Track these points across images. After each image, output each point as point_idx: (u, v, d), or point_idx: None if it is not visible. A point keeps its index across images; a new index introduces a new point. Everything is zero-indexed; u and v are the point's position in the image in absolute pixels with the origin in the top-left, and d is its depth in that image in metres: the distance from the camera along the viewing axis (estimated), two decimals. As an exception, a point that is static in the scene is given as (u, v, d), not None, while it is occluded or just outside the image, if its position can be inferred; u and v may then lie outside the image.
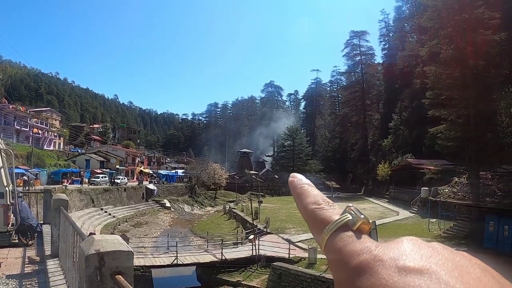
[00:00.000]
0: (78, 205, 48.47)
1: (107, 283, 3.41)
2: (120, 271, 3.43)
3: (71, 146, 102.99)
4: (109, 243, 3.57)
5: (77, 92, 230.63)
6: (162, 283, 28.14)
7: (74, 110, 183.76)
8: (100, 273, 3.40)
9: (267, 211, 51.26)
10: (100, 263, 3.41)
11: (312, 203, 0.67)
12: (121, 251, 3.52)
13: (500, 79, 34.77)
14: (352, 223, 0.61)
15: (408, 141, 76.56)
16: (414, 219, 46.22)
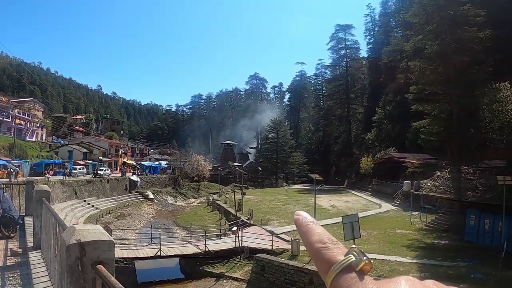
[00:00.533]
0: (61, 197, 48.03)
1: (88, 273, 3.38)
2: (101, 261, 3.40)
3: (53, 137, 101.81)
4: (90, 233, 3.53)
5: (60, 82, 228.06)
6: (146, 275, 28.10)
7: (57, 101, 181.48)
8: (81, 263, 3.37)
9: (250, 203, 51.38)
10: (81, 253, 3.38)
11: (317, 241, 0.73)
12: (102, 241, 3.48)
13: (484, 75, 35.10)
14: (355, 264, 0.68)
15: (391, 135, 77.09)
16: (397, 212, 46.66)
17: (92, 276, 3.37)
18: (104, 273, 3.08)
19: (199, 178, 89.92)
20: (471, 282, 20.55)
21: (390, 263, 24.35)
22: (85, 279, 3.37)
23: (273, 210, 48.76)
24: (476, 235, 29.21)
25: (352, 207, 49.28)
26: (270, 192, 76.87)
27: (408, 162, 53.24)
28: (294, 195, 68.28)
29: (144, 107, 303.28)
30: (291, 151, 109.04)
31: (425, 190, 45.95)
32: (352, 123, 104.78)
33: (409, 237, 32.29)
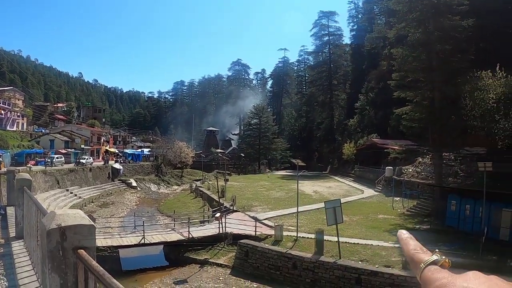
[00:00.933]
0: (43, 186, 47.51)
1: (70, 258, 3.35)
2: (83, 246, 3.37)
3: (34, 126, 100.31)
4: (71, 218, 3.48)
5: (41, 70, 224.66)
6: (130, 263, 28.03)
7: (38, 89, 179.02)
8: (62, 248, 3.33)
9: (233, 189, 51.49)
10: (62, 237, 3.33)
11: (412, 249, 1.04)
12: (82, 225, 3.44)
13: (466, 64, 35.34)
14: (438, 261, 0.99)
15: (373, 121, 77.57)
16: (379, 197, 47.09)
17: (73, 261, 3.33)
18: (86, 258, 3.06)
19: (182, 165, 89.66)
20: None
21: (372, 247, 24.60)
22: (67, 264, 3.32)
23: (256, 196, 48.92)
24: (457, 220, 29.63)
25: (335, 193, 49.61)
26: (253, 178, 77.03)
27: (390, 148, 53.66)
28: (277, 181, 68.53)
29: (126, 94, 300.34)
30: (274, 137, 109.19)
31: (407, 176, 46.39)
32: (335, 110, 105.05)
33: (391, 222, 32.65)
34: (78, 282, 3.23)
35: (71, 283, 3.25)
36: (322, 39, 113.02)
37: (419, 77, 37.95)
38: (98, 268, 2.64)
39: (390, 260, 21.97)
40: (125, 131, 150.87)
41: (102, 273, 2.49)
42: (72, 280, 3.26)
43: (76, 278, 3.25)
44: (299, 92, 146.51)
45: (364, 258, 22.50)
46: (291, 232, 28.23)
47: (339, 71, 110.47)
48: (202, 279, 24.18)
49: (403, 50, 39.38)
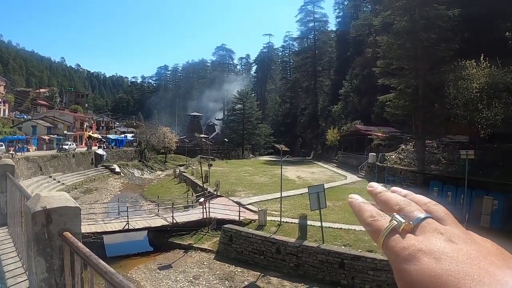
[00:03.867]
0: (26, 173, 47.03)
1: (55, 241, 3.31)
2: (68, 228, 3.33)
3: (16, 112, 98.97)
4: (56, 200, 3.43)
5: (22, 55, 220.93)
6: (115, 249, 27.98)
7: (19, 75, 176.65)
8: (48, 231, 3.29)
9: (217, 174, 51.42)
10: (47, 220, 3.29)
11: (368, 216, 0.87)
12: (68, 207, 3.39)
13: (450, 53, 35.60)
14: (398, 227, 0.80)
15: (357, 108, 77.85)
16: (362, 183, 47.31)
17: (59, 243, 3.30)
18: (72, 240, 3.02)
19: (165, 151, 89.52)
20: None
21: (355, 232, 24.80)
22: (52, 247, 3.29)
23: (240, 181, 48.97)
24: (439, 207, 30.02)
25: (318, 178, 49.79)
26: (237, 163, 77.00)
27: (373, 135, 53.98)
28: (261, 166, 68.60)
29: (109, 79, 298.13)
30: (257, 122, 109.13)
31: (390, 162, 46.73)
32: (319, 96, 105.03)
33: (374, 208, 32.88)
34: (64, 265, 3.19)
35: (57, 266, 3.21)
36: (307, 25, 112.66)
37: (404, 65, 38.19)
38: (84, 249, 2.62)
39: (372, 245, 22.16)
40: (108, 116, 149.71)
41: (88, 254, 2.47)
42: (58, 264, 3.21)
43: (62, 261, 3.21)
44: (283, 77, 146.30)
45: (347, 243, 22.72)
46: (274, 217, 28.35)
47: (324, 57, 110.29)
48: (187, 264, 24.26)
49: (388, 38, 39.51)
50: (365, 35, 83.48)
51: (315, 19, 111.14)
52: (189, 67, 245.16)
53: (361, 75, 77.89)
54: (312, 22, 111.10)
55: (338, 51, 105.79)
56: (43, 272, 3.19)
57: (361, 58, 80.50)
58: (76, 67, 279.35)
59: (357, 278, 20.32)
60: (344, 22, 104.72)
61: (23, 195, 6.27)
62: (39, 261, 3.18)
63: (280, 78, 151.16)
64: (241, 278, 22.17)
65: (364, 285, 20.04)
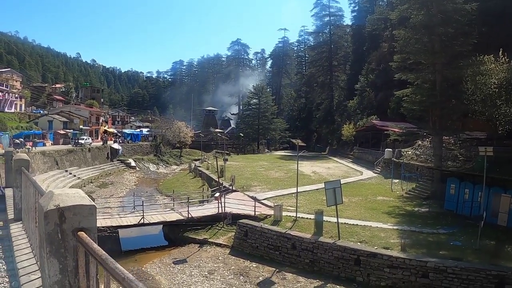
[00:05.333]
0: (42, 167, 47.37)
1: (69, 241, 3.17)
2: (83, 227, 3.19)
3: (33, 107, 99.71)
4: (70, 197, 3.28)
5: (38, 51, 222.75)
6: (130, 243, 28.09)
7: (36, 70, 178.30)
8: (61, 231, 3.14)
9: (232, 169, 51.48)
10: (61, 219, 3.14)
11: None
12: (82, 206, 3.24)
13: (468, 47, 34.98)
14: None
15: (373, 103, 77.27)
16: (378, 179, 47.07)
17: (73, 244, 3.16)
18: (86, 241, 2.88)
19: (180, 145, 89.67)
20: (450, 249, 20.92)
21: (371, 229, 24.64)
22: (66, 248, 3.16)
23: (255, 176, 48.91)
24: (456, 204, 29.62)
25: (334, 174, 49.59)
26: (252, 158, 77.00)
27: (390, 130, 53.45)
28: (276, 161, 68.55)
29: (124, 74, 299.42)
30: (273, 117, 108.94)
31: (406, 158, 46.31)
32: (335, 91, 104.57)
33: (390, 204, 32.67)
34: (78, 266, 3.05)
35: (71, 267, 3.06)
36: (322, 20, 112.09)
37: (421, 59, 37.62)
38: (100, 252, 2.47)
39: (389, 242, 22.01)
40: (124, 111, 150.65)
41: (104, 257, 2.33)
42: (72, 265, 3.06)
43: (76, 262, 3.06)
44: (298, 72, 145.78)
45: (363, 239, 22.54)
46: (290, 212, 28.28)
47: (339, 52, 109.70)
48: (202, 259, 24.26)
49: (405, 32, 38.96)
50: (381, 30, 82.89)
51: (331, 13, 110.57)
52: (204, 62, 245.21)
53: (377, 70, 77.32)
54: (328, 17, 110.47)
55: (353, 45, 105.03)
56: (56, 273, 3.04)
57: (377, 52, 79.91)
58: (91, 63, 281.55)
59: (373, 275, 20.13)
60: (360, 16, 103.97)
61: (38, 191, 6.18)
62: (52, 262, 3.02)
63: (296, 73, 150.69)
64: (256, 273, 22.09)
65: (380, 282, 19.85)
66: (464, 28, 35.36)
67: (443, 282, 18.53)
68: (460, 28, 35.27)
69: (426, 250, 20.82)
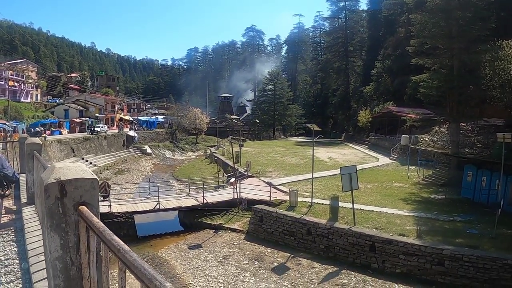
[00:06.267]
0: (59, 155, 47.84)
1: (70, 216, 3.06)
2: (84, 202, 3.09)
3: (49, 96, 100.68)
4: (71, 171, 3.16)
5: (53, 41, 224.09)
6: (145, 229, 28.23)
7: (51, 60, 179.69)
8: (62, 204, 3.04)
9: (248, 155, 51.46)
10: (61, 193, 3.02)
11: None
12: (84, 179, 3.11)
13: (486, 32, 34.29)
14: None
15: (390, 89, 76.55)
16: (394, 165, 46.71)
17: (74, 218, 3.06)
18: (88, 215, 2.80)
19: (196, 132, 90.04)
20: (467, 237, 20.67)
21: (387, 215, 24.46)
22: (67, 222, 3.06)
23: (270, 162, 48.86)
24: (473, 192, 29.21)
25: (350, 160, 49.33)
26: (268, 144, 76.96)
27: (407, 116, 52.94)
28: (292, 147, 68.44)
29: (139, 62, 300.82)
30: (288, 103, 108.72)
31: (423, 144, 45.89)
32: (351, 76, 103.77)
33: (406, 191, 32.39)
34: (80, 242, 2.96)
35: (72, 243, 2.96)
36: (338, 5, 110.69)
37: (438, 44, 37.08)
38: (98, 224, 2.37)
39: (404, 229, 21.83)
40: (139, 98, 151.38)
41: (102, 229, 2.23)
42: (73, 240, 2.96)
43: (78, 238, 2.98)
44: (314, 58, 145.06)
45: (378, 226, 22.37)
46: (305, 198, 28.17)
47: (355, 37, 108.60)
48: (217, 244, 24.32)
49: (422, 16, 38.34)
50: (397, 14, 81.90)
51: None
52: (219, 49, 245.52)
53: (394, 55, 76.48)
54: (343, 1, 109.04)
55: (369, 31, 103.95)
56: (57, 249, 2.93)
57: (393, 38, 79.02)
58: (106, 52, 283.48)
59: (388, 262, 20.01)
60: (376, 0, 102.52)
61: (45, 170, 6.14)
62: (52, 237, 2.91)
63: (311, 59, 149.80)
64: (271, 259, 22.08)
65: (395, 269, 19.72)
66: (482, 12, 34.68)
67: (459, 271, 18.36)
68: (478, 12, 34.58)
69: (442, 238, 20.59)
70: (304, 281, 19.40)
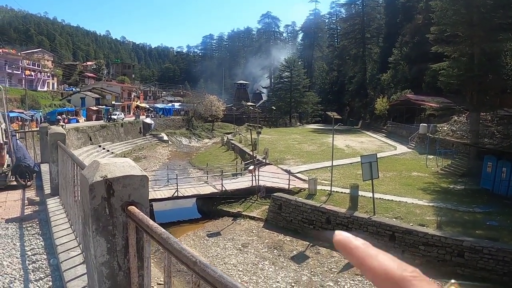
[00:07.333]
0: (76, 143, 48.25)
1: (118, 217, 2.86)
2: (133, 201, 2.88)
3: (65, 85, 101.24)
4: (118, 167, 2.92)
5: (68, 30, 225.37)
6: (164, 216, 28.39)
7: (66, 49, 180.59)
8: (109, 205, 2.82)
9: (265, 142, 51.43)
10: (109, 192, 2.81)
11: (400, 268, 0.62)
12: (133, 176, 2.89)
13: (508, 20, 33.72)
14: None
15: (407, 76, 75.76)
16: (412, 154, 46.33)
17: (122, 220, 2.88)
18: (139, 216, 2.63)
19: (212, 119, 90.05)
20: (486, 229, 20.50)
21: (406, 205, 24.31)
22: (115, 224, 2.87)
23: (288, 149, 48.76)
24: (492, 183, 28.84)
25: (367, 148, 49.10)
26: (284, 131, 76.78)
27: (426, 105, 52.35)
28: (309, 135, 68.23)
29: (154, 50, 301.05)
30: (305, 90, 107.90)
31: (442, 134, 45.40)
32: (367, 64, 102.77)
33: (425, 180, 32.15)
34: (128, 245, 2.85)
35: (120, 247, 2.87)
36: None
37: (458, 32, 36.49)
38: (159, 229, 2.20)
39: (424, 219, 21.69)
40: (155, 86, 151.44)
41: (165, 236, 2.06)
42: (121, 244, 2.86)
43: (126, 241, 2.88)
44: (330, 45, 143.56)
45: (398, 216, 22.27)
46: (324, 186, 28.09)
47: (372, 24, 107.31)
48: (235, 232, 24.40)
49: (442, 3, 37.76)
50: (415, 1, 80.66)
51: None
52: (234, 36, 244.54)
53: (411, 42, 75.55)
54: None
55: (387, 17, 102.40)
56: (103, 254, 2.72)
57: (411, 24, 77.87)
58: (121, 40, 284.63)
59: (408, 252, 19.93)
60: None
61: (76, 164, 6.02)
62: (98, 241, 2.72)
63: (327, 46, 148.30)
64: (290, 247, 22.12)
65: (414, 260, 19.58)
66: (503, 0, 34.07)
67: (478, 263, 18.28)
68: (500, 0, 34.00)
69: (461, 229, 20.45)
70: (323, 270, 19.42)
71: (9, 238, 7.99)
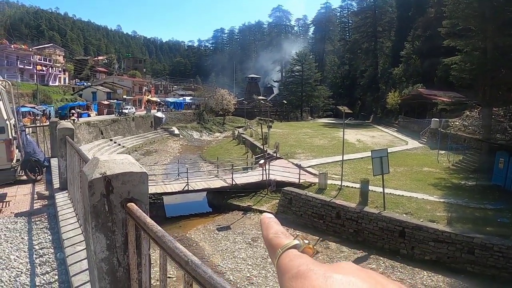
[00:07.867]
0: (87, 137, 48.65)
1: (117, 214, 2.84)
2: (133, 198, 2.85)
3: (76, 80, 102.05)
4: (118, 164, 2.90)
5: (79, 25, 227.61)
6: (174, 210, 28.53)
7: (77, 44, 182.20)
8: (108, 202, 2.81)
9: (276, 136, 51.31)
10: (108, 189, 2.79)
11: (272, 233, 0.87)
12: (132, 173, 2.87)
13: (521, 14, 33.40)
14: (299, 246, 0.80)
15: (419, 70, 75.27)
16: (423, 149, 46.04)
17: (122, 217, 2.85)
18: (137, 213, 2.60)
19: (223, 112, 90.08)
20: (497, 226, 20.31)
21: (417, 200, 24.15)
22: (114, 221, 2.85)
23: (299, 143, 48.65)
24: (504, 179, 28.49)
25: (378, 143, 48.85)
26: (295, 125, 76.64)
27: (438, 99, 51.97)
28: (320, 129, 68.06)
29: (165, 44, 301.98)
30: (316, 84, 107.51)
31: (453, 129, 45.03)
32: (379, 57, 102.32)
33: (436, 176, 31.90)
34: (128, 242, 2.85)
35: (119, 243, 2.86)
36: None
37: (471, 26, 36.11)
38: (155, 227, 2.17)
39: (435, 215, 21.55)
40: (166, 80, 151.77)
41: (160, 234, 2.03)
42: (121, 240, 2.86)
43: (125, 237, 2.86)
44: (342, 39, 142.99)
45: (408, 211, 22.13)
46: (334, 180, 27.99)
47: (384, 17, 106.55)
48: (245, 226, 24.40)
49: (454, -4, 37.44)
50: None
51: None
52: (245, 30, 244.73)
53: (423, 36, 75.00)
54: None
55: (398, 11, 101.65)
56: (103, 250, 2.71)
57: (423, 18, 77.28)
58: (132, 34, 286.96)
59: (417, 248, 19.85)
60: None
61: (82, 159, 6.06)
62: (98, 237, 2.76)
63: (339, 40, 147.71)
64: (299, 242, 22.04)
65: (424, 256, 19.55)
66: (516, -6, 33.69)
67: (489, 260, 18.12)
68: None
69: (472, 226, 20.27)
70: (333, 265, 19.34)
71: (18, 232, 8.06)
